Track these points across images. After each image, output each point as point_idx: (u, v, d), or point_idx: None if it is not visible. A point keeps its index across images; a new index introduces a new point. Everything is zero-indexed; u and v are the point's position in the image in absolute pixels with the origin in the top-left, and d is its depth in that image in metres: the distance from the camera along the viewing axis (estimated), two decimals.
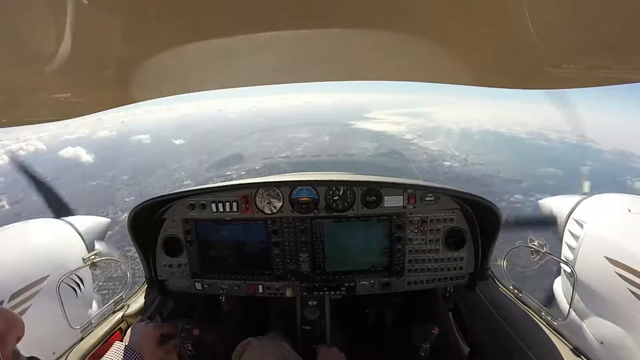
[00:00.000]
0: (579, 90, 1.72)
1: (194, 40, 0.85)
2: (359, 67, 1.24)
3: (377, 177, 2.26)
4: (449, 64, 1.01)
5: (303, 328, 2.29)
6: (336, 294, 2.21)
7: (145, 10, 0.75)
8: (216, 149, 28.08)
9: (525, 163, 50.49)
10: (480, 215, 2.07)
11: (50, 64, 0.80)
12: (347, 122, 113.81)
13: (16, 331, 0.79)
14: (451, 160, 50.82)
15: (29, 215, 2.53)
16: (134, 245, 2.11)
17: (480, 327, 2.19)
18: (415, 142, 69.04)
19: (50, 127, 27.06)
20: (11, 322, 0.78)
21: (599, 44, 0.73)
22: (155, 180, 36.84)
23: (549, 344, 1.63)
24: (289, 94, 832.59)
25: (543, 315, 1.78)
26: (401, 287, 2.18)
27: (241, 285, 2.20)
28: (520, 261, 2.06)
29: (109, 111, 1.16)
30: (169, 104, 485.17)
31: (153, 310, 2.19)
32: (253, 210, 2.13)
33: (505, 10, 0.73)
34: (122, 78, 0.97)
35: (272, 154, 29.55)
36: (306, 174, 2.38)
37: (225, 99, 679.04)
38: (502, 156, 48.54)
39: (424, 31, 0.85)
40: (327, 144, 50.94)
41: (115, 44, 0.83)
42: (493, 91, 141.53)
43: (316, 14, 0.80)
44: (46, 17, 0.71)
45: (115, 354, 1.40)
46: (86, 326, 1.81)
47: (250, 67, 1.16)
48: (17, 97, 0.89)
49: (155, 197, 2.06)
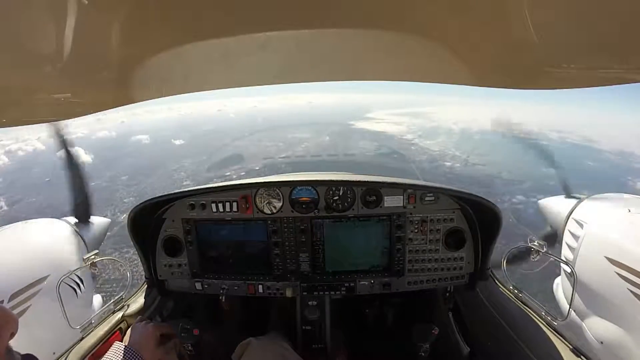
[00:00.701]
0: (579, 90, 1.72)
1: (194, 40, 0.85)
2: (359, 67, 1.24)
3: (377, 177, 2.26)
4: (449, 64, 1.01)
5: (303, 328, 2.29)
6: (336, 294, 2.21)
7: (145, 10, 0.75)
8: (216, 150, 27.98)
9: (526, 163, 50.43)
10: (480, 215, 2.07)
11: (50, 64, 0.80)
12: (347, 122, 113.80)
13: (9, 327, 0.78)
14: (452, 160, 50.71)
15: (28, 217, 2.53)
16: (134, 245, 2.11)
17: (480, 327, 2.19)
18: (416, 142, 68.91)
19: (49, 126, 27.48)
20: (4, 318, 0.78)
21: (599, 44, 0.72)
22: (154, 180, 36.74)
23: (549, 344, 1.62)
24: (289, 94, 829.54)
25: (543, 315, 1.78)
26: (401, 287, 2.18)
27: (241, 285, 2.20)
28: (521, 262, 2.06)
29: (108, 111, 1.16)
30: (169, 104, 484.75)
31: (153, 310, 2.19)
32: (253, 210, 2.13)
33: (505, 10, 0.73)
34: (122, 78, 0.97)
35: (272, 155, 29.49)
36: (306, 174, 2.38)
37: (225, 99, 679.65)
38: (502, 156, 48.39)
39: (424, 31, 0.85)
40: (327, 144, 50.90)
41: (115, 44, 0.83)
42: (493, 91, 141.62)
43: (316, 14, 0.80)
44: (46, 17, 0.71)
45: (114, 354, 1.40)
46: (86, 326, 1.81)
47: (250, 67, 1.16)
48: (17, 97, 0.89)
49: (155, 197, 2.06)
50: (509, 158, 41.56)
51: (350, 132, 74.40)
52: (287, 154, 33.34)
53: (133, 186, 34.20)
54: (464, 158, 52.21)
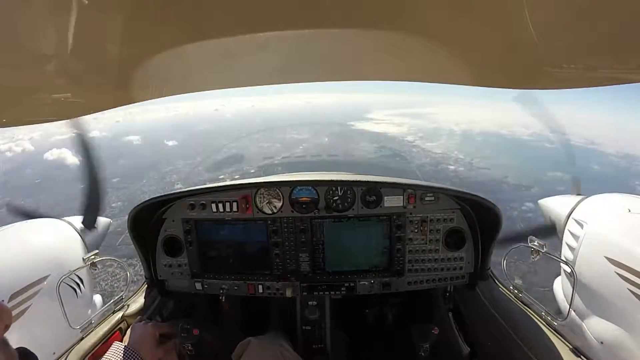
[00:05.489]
0: (579, 90, 1.71)
1: (194, 40, 0.85)
2: (359, 67, 1.24)
3: (377, 177, 2.26)
4: (449, 64, 1.01)
5: (303, 328, 2.29)
6: (336, 294, 2.21)
7: (145, 10, 0.75)
8: (210, 151, 27.67)
9: (532, 167, 50.06)
10: (480, 215, 2.07)
11: (50, 64, 0.80)
12: (347, 122, 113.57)
13: (3, 319, 0.78)
14: (455, 164, 50.50)
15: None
16: (134, 245, 2.11)
17: (480, 327, 2.19)
18: (417, 144, 68.52)
19: (44, 126, 26.78)
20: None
21: (598, 44, 0.72)
22: (145, 183, 36.32)
23: (549, 344, 1.62)
24: (288, 93, 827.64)
25: (543, 315, 1.78)
26: (401, 287, 2.18)
27: (241, 285, 2.20)
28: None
29: (106, 110, 1.16)
30: (167, 104, 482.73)
31: (153, 310, 2.19)
32: (253, 210, 2.13)
33: (505, 10, 0.74)
34: (122, 78, 0.97)
35: (269, 156, 29.36)
36: (306, 174, 2.38)
37: (222, 99, 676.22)
38: (507, 159, 48.22)
39: (424, 31, 0.85)
40: (326, 145, 50.67)
41: (115, 44, 0.83)
42: (493, 91, 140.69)
43: (316, 14, 0.80)
44: (46, 17, 0.71)
45: (114, 354, 1.40)
46: (86, 326, 1.81)
47: (250, 67, 1.16)
48: (17, 97, 0.89)
49: (155, 197, 2.07)
50: (514, 161, 41.51)
51: (350, 133, 74.20)
52: (284, 156, 33.15)
53: (123, 189, 33.65)
54: (468, 161, 52.00)
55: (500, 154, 50.04)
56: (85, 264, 1.97)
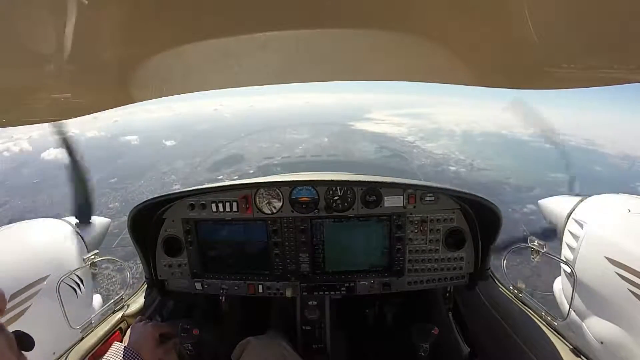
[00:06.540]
0: (579, 90, 1.71)
1: (194, 40, 0.85)
2: (359, 67, 1.24)
3: (377, 177, 2.26)
4: (449, 64, 1.01)
5: (303, 328, 2.29)
6: (336, 294, 2.21)
7: (145, 10, 0.75)
8: (210, 151, 27.66)
9: (534, 168, 49.86)
10: (480, 215, 2.07)
11: (50, 64, 0.80)
12: (347, 122, 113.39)
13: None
14: (456, 165, 50.38)
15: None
16: (134, 245, 2.11)
17: (480, 327, 2.19)
18: (418, 144, 68.34)
19: (43, 125, 26.53)
20: None
21: (598, 44, 0.73)
22: (143, 184, 36.14)
23: (549, 344, 1.62)
24: (288, 93, 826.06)
25: (543, 315, 1.78)
26: (401, 287, 2.18)
27: (241, 285, 2.20)
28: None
29: (106, 111, 1.16)
30: (166, 103, 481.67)
31: (153, 310, 2.19)
32: (253, 210, 2.13)
33: (505, 10, 0.74)
34: (122, 78, 0.97)
35: (269, 156, 29.26)
36: (306, 174, 2.38)
37: (222, 98, 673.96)
38: (508, 160, 48.08)
39: (424, 31, 0.85)
40: (326, 145, 50.56)
41: (115, 44, 0.83)
42: (493, 91, 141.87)
43: (316, 14, 0.80)
44: (46, 17, 0.71)
45: (114, 354, 1.40)
46: (86, 326, 1.81)
47: (250, 67, 1.16)
48: (17, 97, 0.89)
49: (155, 196, 2.07)
50: (515, 162, 41.40)
51: (350, 133, 74.05)
52: (284, 156, 33.06)
53: (120, 190, 33.54)
54: (469, 162, 51.85)
55: (501, 155, 49.98)
56: (85, 264, 1.97)
